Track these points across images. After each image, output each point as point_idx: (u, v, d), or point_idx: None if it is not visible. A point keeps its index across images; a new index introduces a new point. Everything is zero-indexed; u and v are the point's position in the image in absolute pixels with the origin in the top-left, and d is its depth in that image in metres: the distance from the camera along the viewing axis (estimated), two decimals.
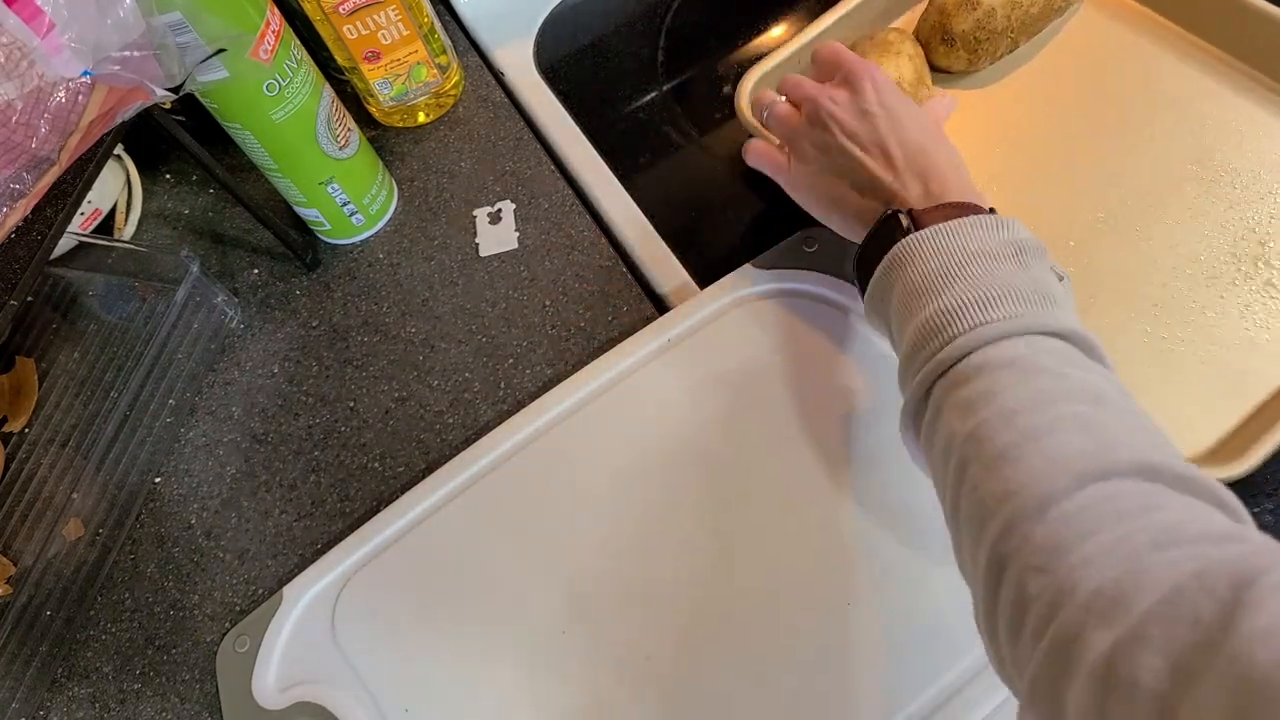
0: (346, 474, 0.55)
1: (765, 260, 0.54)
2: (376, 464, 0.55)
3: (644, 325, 0.54)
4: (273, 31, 0.50)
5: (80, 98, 0.39)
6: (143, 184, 0.68)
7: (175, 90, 0.44)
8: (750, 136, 0.61)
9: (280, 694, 0.46)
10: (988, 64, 0.61)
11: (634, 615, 0.45)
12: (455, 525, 0.49)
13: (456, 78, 0.68)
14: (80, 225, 0.64)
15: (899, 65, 0.57)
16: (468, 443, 0.52)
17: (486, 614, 0.47)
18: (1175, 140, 0.56)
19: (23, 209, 0.41)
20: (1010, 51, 0.61)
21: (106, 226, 0.66)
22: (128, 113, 0.43)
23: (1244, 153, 0.55)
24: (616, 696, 0.43)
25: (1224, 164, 0.55)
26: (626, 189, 0.62)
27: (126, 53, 0.40)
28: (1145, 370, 0.49)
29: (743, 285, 0.54)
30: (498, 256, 0.61)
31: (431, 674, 0.46)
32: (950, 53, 0.60)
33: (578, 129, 0.66)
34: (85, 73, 0.39)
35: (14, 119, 0.37)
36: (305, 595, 0.49)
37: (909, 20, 0.65)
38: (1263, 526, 0.44)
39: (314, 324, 0.61)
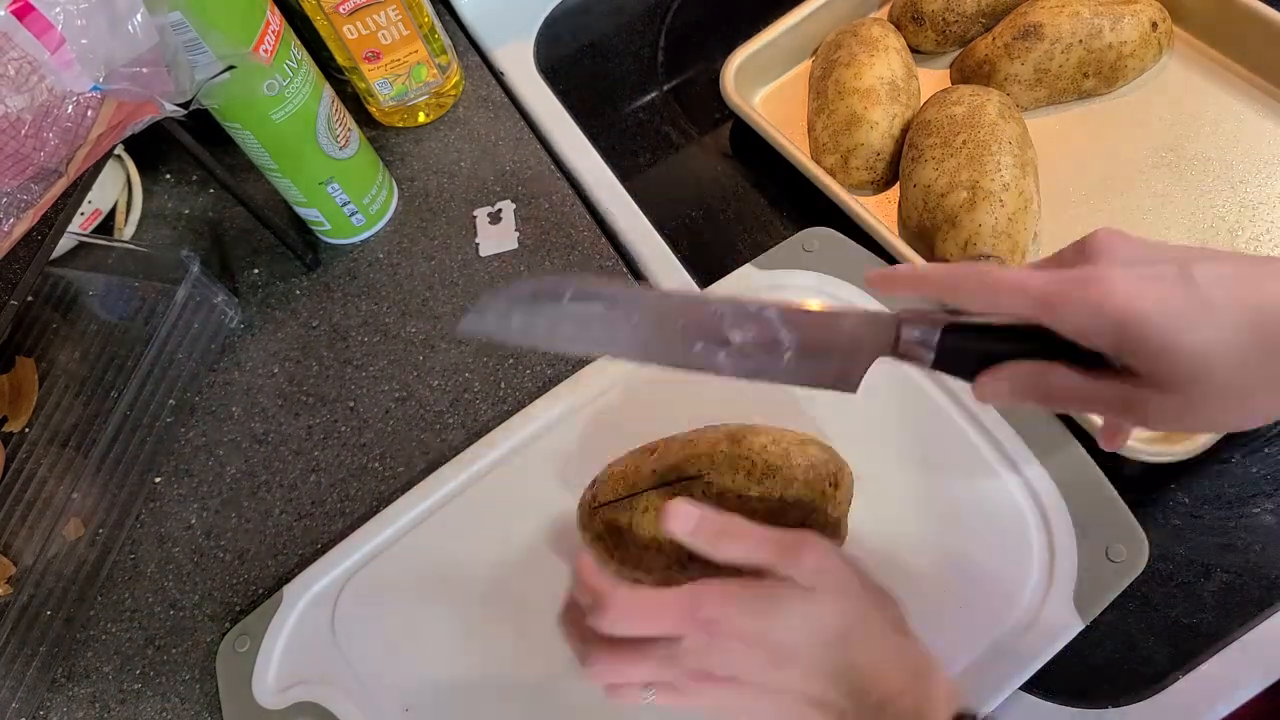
0: (346, 474, 0.55)
1: (765, 261, 0.54)
2: (376, 464, 0.55)
3: None
4: (273, 31, 0.50)
5: (89, 112, 0.40)
6: (143, 184, 0.68)
7: (185, 105, 0.44)
8: (735, 116, 0.61)
9: (280, 694, 0.46)
10: (957, 47, 0.62)
11: None
12: (455, 525, 0.49)
13: (456, 78, 0.68)
14: (80, 225, 0.64)
15: (889, 61, 0.58)
16: (468, 443, 0.52)
17: (487, 614, 0.47)
18: (1148, 127, 0.57)
19: (30, 219, 0.42)
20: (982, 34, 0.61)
21: (106, 226, 0.66)
22: (137, 126, 0.43)
23: (1217, 142, 0.55)
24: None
25: (1197, 153, 0.55)
26: (626, 189, 0.62)
27: (136, 68, 0.40)
28: None
29: (743, 285, 0.54)
30: (498, 256, 0.61)
31: (431, 674, 0.46)
32: (919, 31, 0.61)
33: (578, 129, 0.66)
34: (94, 87, 0.39)
35: (23, 132, 0.38)
36: (305, 595, 0.49)
37: (886, 9, 0.65)
38: (1262, 526, 0.44)
39: (314, 324, 0.61)
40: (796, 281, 0.53)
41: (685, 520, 0.35)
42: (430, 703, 0.45)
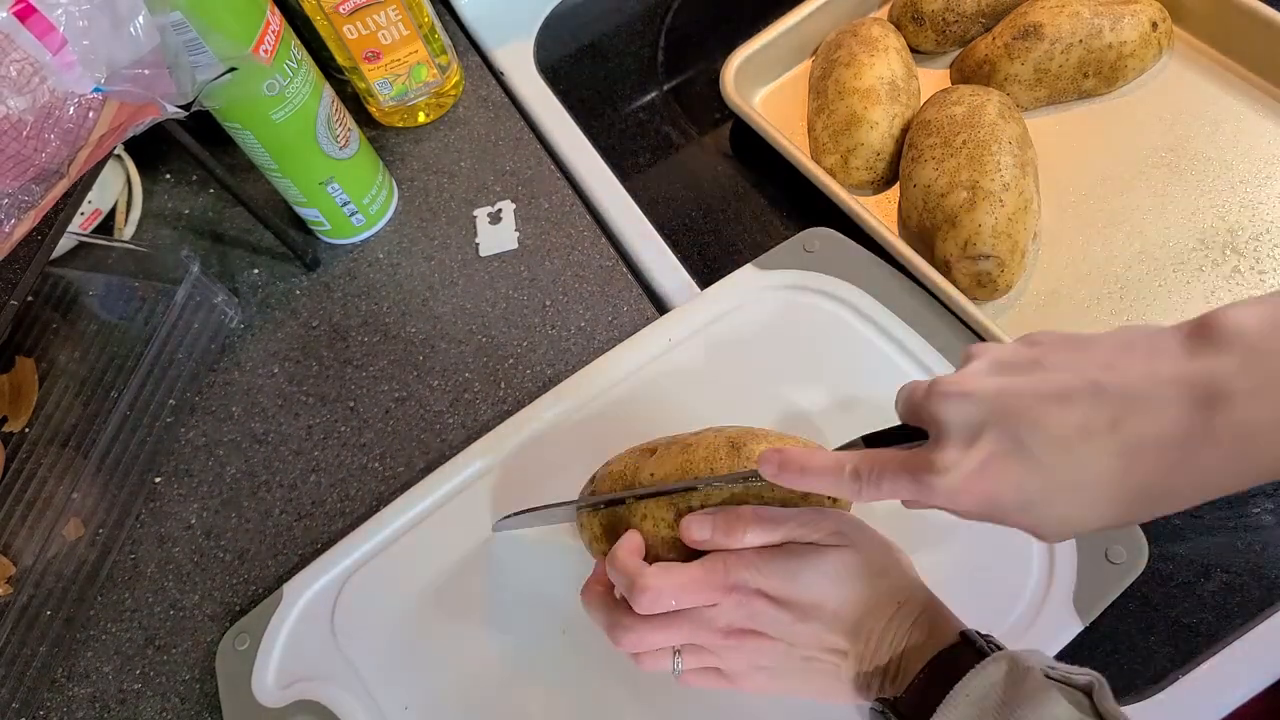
0: (346, 474, 0.55)
1: (767, 261, 0.54)
2: (376, 464, 0.55)
3: (644, 325, 0.54)
4: (273, 31, 0.50)
5: (91, 114, 0.40)
6: (143, 184, 0.68)
7: (186, 107, 0.44)
8: (735, 116, 0.61)
9: (280, 691, 0.47)
10: (957, 47, 0.62)
11: None
12: (455, 524, 0.49)
13: (456, 78, 0.68)
14: (80, 225, 0.64)
15: (889, 61, 0.58)
16: (468, 442, 0.52)
17: (486, 613, 0.47)
18: (1148, 127, 0.57)
19: (31, 220, 0.42)
20: (982, 34, 0.61)
21: (106, 226, 0.66)
22: (138, 127, 0.43)
23: (1217, 142, 0.55)
24: (616, 696, 0.43)
25: (1197, 152, 0.55)
26: (626, 189, 0.62)
27: (138, 70, 0.41)
28: None
29: (744, 285, 0.54)
30: (498, 256, 0.61)
31: (431, 673, 0.46)
32: (919, 31, 0.61)
33: (578, 129, 0.66)
34: (96, 89, 0.39)
35: (25, 133, 0.38)
36: (305, 593, 0.49)
37: (885, 9, 0.66)
38: (1262, 526, 0.44)
39: (314, 324, 0.61)
40: (797, 281, 0.53)
41: (701, 529, 0.37)
42: (429, 701, 0.45)
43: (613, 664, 0.44)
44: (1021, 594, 0.42)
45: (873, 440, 0.35)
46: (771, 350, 0.51)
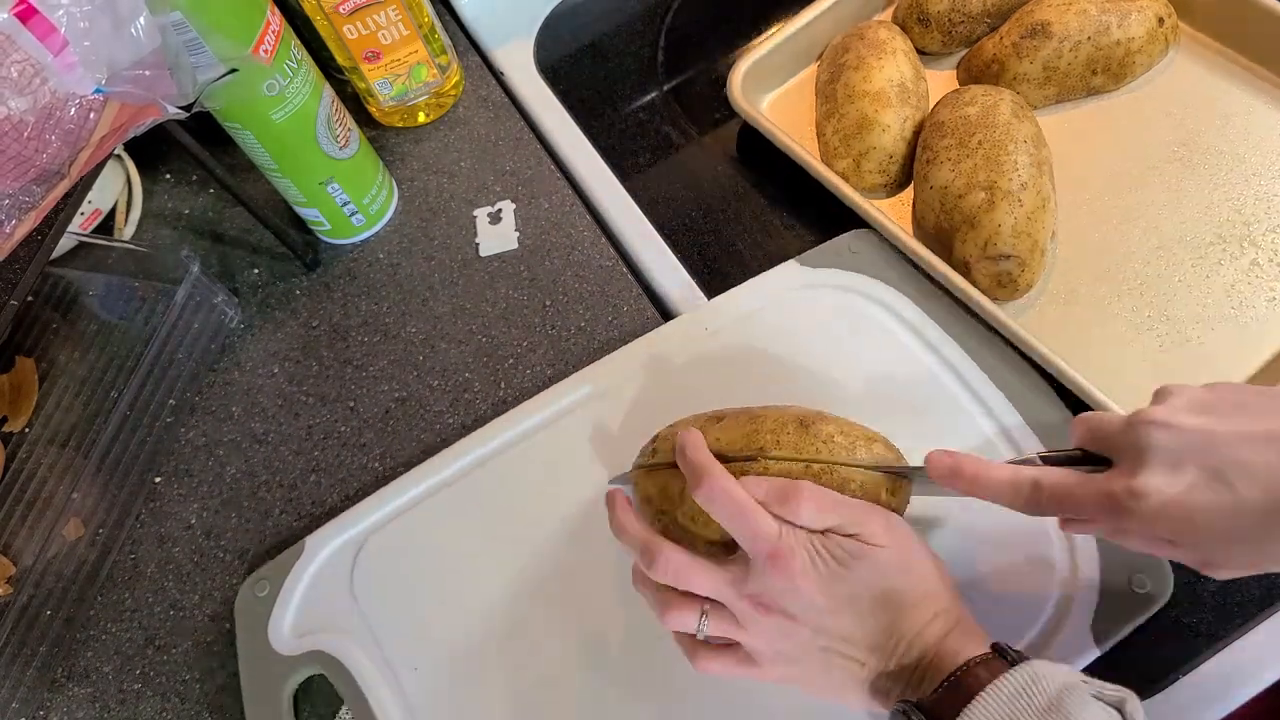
0: (346, 474, 0.55)
1: (810, 259, 0.54)
2: (377, 464, 0.55)
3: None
4: (273, 31, 0.50)
5: (92, 114, 0.40)
6: (143, 184, 0.68)
7: (186, 108, 0.44)
8: (739, 119, 0.60)
9: (295, 640, 0.47)
10: (963, 47, 0.62)
11: None
12: (476, 494, 0.50)
13: (456, 78, 0.68)
14: (80, 225, 0.64)
15: (897, 64, 0.57)
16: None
17: (503, 583, 0.47)
18: (1159, 123, 0.57)
19: (32, 220, 0.42)
20: (988, 34, 0.61)
21: (106, 226, 0.66)
22: (140, 128, 0.43)
23: (1228, 135, 0.55)
24: (627, 672, 0.44)
25: (1209, 147, 0.55)
26: (626, 189, 0.62)
27: (139, 71, 0.41)
28: (1128, 348, 0.50)
29: (786, 281, 0.54)
30: (498, 256, 0.61)
31: (444, 637, 0.46)
32: (925, 33, 0.61)
33: (578, 129, 0.65)
34: (97, 90, 0.39)
35: (26, 134, 0.38)
36: (326, 548, 0.50)
37: (890, 11, 0.65)
38: None
39: (314, 324, 0.61)
40: (839, 281, 0.53)
41: (757, 487, 0.37)
42: (440, 665, 0.46)
43: (625, 638, 0.44)
44: (1039, 616, 0.42)
45: (1047, 461, 0.37)
46: (809, 345, 0.51)
